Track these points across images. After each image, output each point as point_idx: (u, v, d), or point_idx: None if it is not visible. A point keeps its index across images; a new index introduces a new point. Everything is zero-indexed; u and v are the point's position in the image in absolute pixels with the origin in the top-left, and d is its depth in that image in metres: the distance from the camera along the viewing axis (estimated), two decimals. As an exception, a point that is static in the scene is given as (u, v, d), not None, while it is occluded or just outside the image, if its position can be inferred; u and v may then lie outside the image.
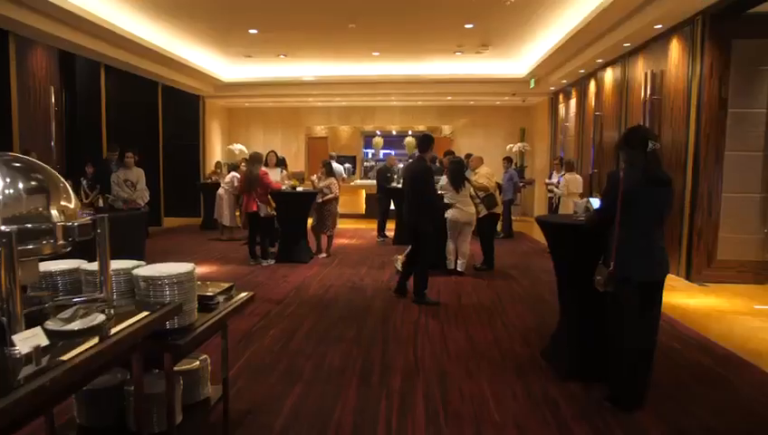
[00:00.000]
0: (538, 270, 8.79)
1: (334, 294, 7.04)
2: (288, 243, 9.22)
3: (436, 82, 15.34)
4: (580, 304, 4.18)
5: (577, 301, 4.22)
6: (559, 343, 4.48)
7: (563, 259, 4.37)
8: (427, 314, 6.08)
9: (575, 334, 4.25)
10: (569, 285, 4.34)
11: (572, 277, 4.24)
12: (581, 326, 4.20)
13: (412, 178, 6.63)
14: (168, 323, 2.29)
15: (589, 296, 3.87)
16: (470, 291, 7.27)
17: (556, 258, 4.49)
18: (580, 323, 4.20)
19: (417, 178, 6.55)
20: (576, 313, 4.25)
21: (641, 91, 9.62)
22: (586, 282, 3.79)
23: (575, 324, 4.26)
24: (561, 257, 4.42)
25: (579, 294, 4.15)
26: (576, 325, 4.24)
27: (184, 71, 13.78)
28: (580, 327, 4.21)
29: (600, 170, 11.72)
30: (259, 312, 6.09)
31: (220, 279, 7.81)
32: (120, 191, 8.95)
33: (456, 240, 8.12)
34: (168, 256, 9.56)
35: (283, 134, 19.51)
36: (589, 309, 4.09)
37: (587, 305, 4.08)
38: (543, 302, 6.78)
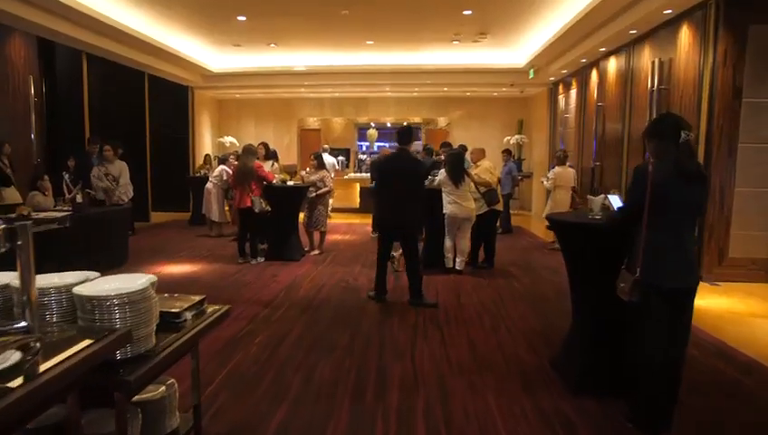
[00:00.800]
0: (539, 267, 8.41)
1: (326, 294, 6.63)
2: (278, 240, 8.79)
3: (432, 72, 14.89)
4: (597, 312, 3.78)
5: (593, 309, 3.81)
6: (571, 353, 4.07)
7: (578, 263, 3.95)
8: (425, 317, 5.68)
9: (590, 345, 3.85)
10: (584, 292, 3.94)
11: (589, 283, 3.83)
12: (598, 337, 3.80)
13: (403, 175, 6.03)
14: (119, 352, 1.87)
15: (607, 304, 3.49)
16: (470, 290, 6.87)
17: (570, 262, 4.08)
18: (597, 333, 3.80)
19: (410, 175, 6.04)
20: (592, 322, 3.84)
21: (647, 81, 9.22)
22: (605, 289, 3.39)
23: (590, 334, 3.85)
24: (575, 261, 4.00)
25: (596, 301, 3.75)
26: (591, 335, 3.84)
27: (171, 60, 13.27)
28: (596, 338, 3.81)
29: (603, 163, 11.34)
30: (245, 315, 5.67)
31: (206, 279, 7.39)
32: (100, 183, 8.56)
33: (454, 237, 7.72)
34: (153, 253, 9.13)
35: (274, 126, 19.08)
36: (607, 318, 3.69)
37: (605, 314, 3.69)
38: (546, 301, 6.40)
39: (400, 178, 6.04)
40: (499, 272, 7.97)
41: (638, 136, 9.63)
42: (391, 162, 6.35)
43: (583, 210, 5.20)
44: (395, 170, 6.12)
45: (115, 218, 8.15)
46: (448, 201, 7.54)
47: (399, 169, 6.09)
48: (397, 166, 6.15)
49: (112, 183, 8.77)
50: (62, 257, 6.75)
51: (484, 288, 6.98)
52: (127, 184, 9.10)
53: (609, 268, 3.42)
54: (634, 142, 9.89)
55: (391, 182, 6.08)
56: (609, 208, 3.72)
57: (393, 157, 6.42)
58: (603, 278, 3.47)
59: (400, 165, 6.13)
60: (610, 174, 10.98)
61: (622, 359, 3.52)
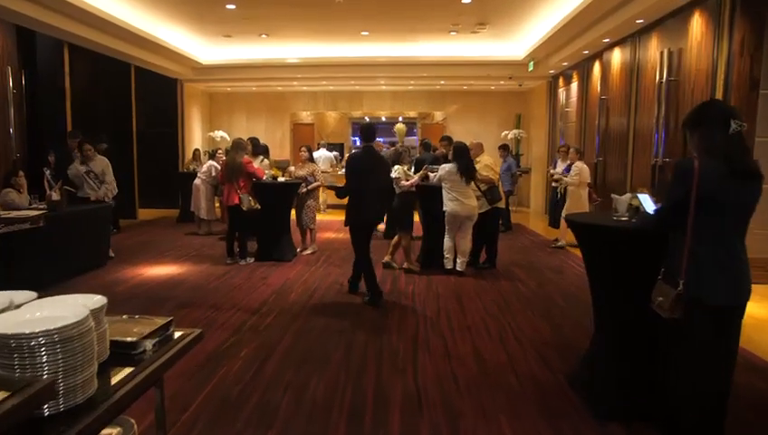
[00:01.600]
0: (543, 267, 8.01)
1: (319, 299, 6.19)
2: (269, 239, 8.34)
3: (428, 64, 14.45)
4: (625, 328, 3.35)
5: (622, 324, 3.39)
6: (593, 371, 3.65)
7: (604, 271, 3.52)
8: (426, 325, 5.26)
9: (617, 364, 3.43)
10: (611, 305, 3.50)
11: (617, 295, 3.40)
12: (626, 355, 3.38)
13: (375, 172, 6.05)
14: (47, 407, 1.44)
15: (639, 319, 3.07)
16: (472, 294, 6.45)
17: (593, 269, 3.66)
18: (625, 350, 3.38)
19: (381, 172, 6.18)
20: (619, 338, 3.42)
21: (655, 73, 8.81)
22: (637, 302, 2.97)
23: (617, 352, 3.43)
24: (600, 269, 3.57)
25: (625, 315, 3.33)
26: (618, 353, 3.42)
27: (158, 51, 12.76)
28: (623, 356, 3.39)
29: (606, 159, 10.94)
30: (231, 324, 5.23)
31: (191, 281, 6.94)
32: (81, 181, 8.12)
33: (454, 236, 7.30)
34: (137, 253, 8.67)
35: (267, 120, 18.65)
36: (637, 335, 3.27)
37: (635, 330, 3.27)
38: (555, 306, 5.99)
39: (373, 175, 6.03)
40: (502, 273, 7.56)
41: (645, 130, 9.24)
42: (363, 160, 6.19)
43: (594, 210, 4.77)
44: (367, 168, 6.06)
45: (94, 217, 7.69)
46: (449, 198, 7.11)
47: (371, 167, 6.06)
48: (368, 164, 6.09)
49: (95, 181, 8.29)
50: (36, 259, 6.32)
51: (487, 291, 6.56)
52: (112, 181, 8.64)
53: (642, 279, 3.00)
54: (640, 137, 9.48)
55: (367, 180, 5.99)
56: (640, 209, 3.27)
57: (364, 155, 6.25)
58: (635, 290, 3.05)
59: (371, 162, 6.11)
60: (614, 170, 10.58)
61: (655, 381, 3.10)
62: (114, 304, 5.64)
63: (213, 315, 5.49)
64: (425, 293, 6.44)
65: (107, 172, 8.52)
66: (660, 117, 8.52)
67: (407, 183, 7.53)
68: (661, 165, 8.51)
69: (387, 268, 7.73)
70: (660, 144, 8.54)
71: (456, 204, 7.06)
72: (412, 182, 7.54)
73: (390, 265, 7.80)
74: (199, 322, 5.28)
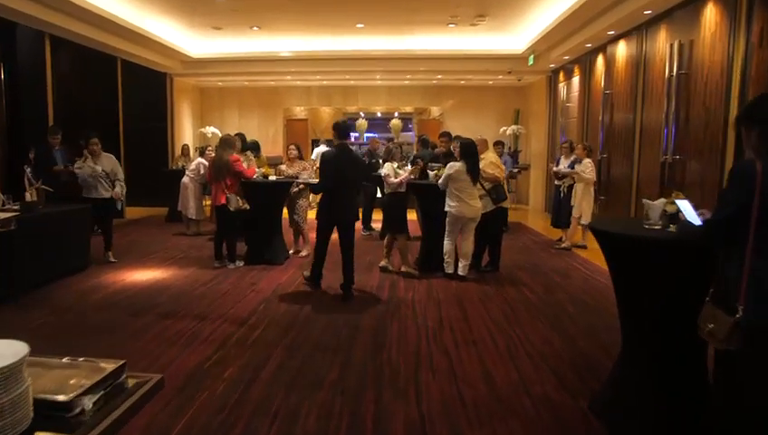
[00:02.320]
0: (549, 270, 7.61)
1: (312, 308, 5.76)
2: (260, 241, 7.91)
3: (425, 58, 14.02)
4: (662, 356, 2.94)
5: (658, 353, 2.97)
6: (622, 400, 3.23)
7: (638, 291, 3.10)
8: (429, 338, 4.84)
9: (652, 394, 3.01)
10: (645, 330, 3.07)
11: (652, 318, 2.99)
12: (663, 384, 2.97)
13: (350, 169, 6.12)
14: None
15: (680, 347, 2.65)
16: (476, 301, 6.04)
17: (623, 287, 3.24)
18: (662, 379, 2.97)
19: (362, 169, 6.44)
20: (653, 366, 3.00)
21: (664, 66, 8.41)
22: (678, 327, 2.57)
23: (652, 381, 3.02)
24: (633, 288, 3.15)
25: (662, 343, 2.91)
26: (654, 382, 3.00)
27: (145, 44, 12.29)
28: (660, 385, 2.98)
29: (610, 156, 10.54)
30: (216, 337, 4.81)
31: (175, 288, 6.50)
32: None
33: (455, 239, 6.87)
34: (120, 255, 8.20)
35: (259, 116, 18.23)
36: (678, 366, 2.86)
37: (675, 360, 2.86)
38: (565, 314, 5.59)
39: (345, 174, 6.10)
40: (506, 277, 7.16)
41: (653, 126, 8.84)
42: (336, 158, 6.16)
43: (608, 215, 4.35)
44: (340, 166, 6.09)
45: (72, 218, 7.21)
46: (453, 199, 6.66)
47: (343, 165, 6.10)
48: (340, 162, 6.11)
49: (106, 181, 7.74)
50: (8, 265, 5.88)
51: (492, 298, 6.15)
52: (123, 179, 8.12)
53: (685, 301, 2.59)
54: (648, 133, 9.09)
55: (339, 178, 6.07)
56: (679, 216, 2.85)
57: (337, 153, 6.22)
58: (676, 314, 2.64)
59: (343, 160, 6.13)
60: (619, 166, 10.19)
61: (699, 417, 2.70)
62: (87, 316, 5.22)
63: (197, 327, 5.06)
64: (425, 300, 6.03)
65: (117, 170, 7.95)
66: (670, 112, 8.12)
67: (395, 180, 7.10)
68: (671, 162, 8.11)
69: (384, 272, 7.31)
70: (670, 140, 8.14)
71: (461, 205, 6.63)
72: (401, 180, 7.11)
73: (387, 268, 7.39)
74: (182, 335, 4.85)
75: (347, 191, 6.15)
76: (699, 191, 7.48)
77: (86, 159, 7.68)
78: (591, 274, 7.44)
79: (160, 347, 4.57)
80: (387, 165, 7.19)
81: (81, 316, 5.47)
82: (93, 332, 5.01)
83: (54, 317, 5.43)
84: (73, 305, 5.81)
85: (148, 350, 4.51)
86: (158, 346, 4.59)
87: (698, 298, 2.47)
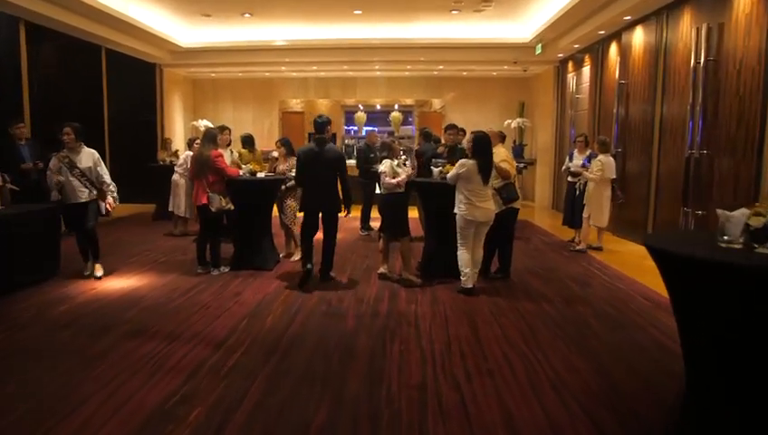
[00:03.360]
0: (564, 276, 6.92)
1: (301, 325, 5.06)
2: (247, 244, 7.22)
3: (427, 47, 13.30)
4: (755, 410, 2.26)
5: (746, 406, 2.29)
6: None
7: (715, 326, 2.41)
8: (436, 366, 4.14)
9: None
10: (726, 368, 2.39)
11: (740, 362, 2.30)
12: None
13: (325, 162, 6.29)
14: None
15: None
16: (488, 317, 5.34)
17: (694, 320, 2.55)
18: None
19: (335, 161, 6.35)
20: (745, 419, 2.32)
21: (689, 53, 7.70)
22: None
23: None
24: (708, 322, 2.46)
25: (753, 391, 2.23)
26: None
27: (131, 32, 11.57)
28: None
29: (626, 149, 9.85)
30: (187, 364, 4.11)
31: (150, 299, 5.80)
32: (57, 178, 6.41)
33: (471, 247, 6.05)
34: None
35: (254, 109, 17.57)
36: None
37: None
38: (591, 334, 4.89)
39: (317, 167, 6.28)
40: (518, 286, 6.46)
41: (676, 118, 8.15)
42: (307, 152, 6.39)
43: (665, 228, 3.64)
44: (311, 160, 6.31)
45: (39, 219, 6.50)
46: (464, 201, 5.88)
47: (314, 159, 6.30)
48: (312, 156, 6.32)
49: (81, 179, 6.42)
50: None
51: (505, 313, 5.45)
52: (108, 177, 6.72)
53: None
54: (669, 126, 8.39)
55: (311, 171, 6.32)
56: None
57: (311, 147, 6.43)
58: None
59: (315, 155, 6.31)
60: (636, 162, 9.50)
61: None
62: (44, 335, 4.50)
63: (166, 351, 4.37)
64: (430, 315, 5.34)
65: (101, 171, 6.65)
66: (697, 103, 7.42)
67: (392, 181, 6.38)
68: (698, 158, 7.42)
69: (383, 280, 6.63)
70: (696, 134, 7.44)
71: (472, 208, 5.86)
72: (399, 181, 6.40)
73: (386, 275, 6.71)
74: (148, 360, 4.16)
75: (317, 184, 6.33)
76: (731, 190, 6.79)
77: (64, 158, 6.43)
78: (611, 280, 6.75)
79: (120, 376, 3.89)
80: (385, 162, 6.46)
81: (37, 335, 4.78)
82: (47, 355, 4.33)
83: (6, 335, 4.74)
84: (31, 321, 5.12)
85: (105, 380, 3.82)
86: (117, 375, 3.91)
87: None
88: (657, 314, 5.42)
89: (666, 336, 4.76)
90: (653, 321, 5.24)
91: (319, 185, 6.34)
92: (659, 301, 5.87)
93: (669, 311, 5.51)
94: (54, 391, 3.67)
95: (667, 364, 4.17)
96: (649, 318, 5.32)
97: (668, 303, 5.75)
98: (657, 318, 5.31)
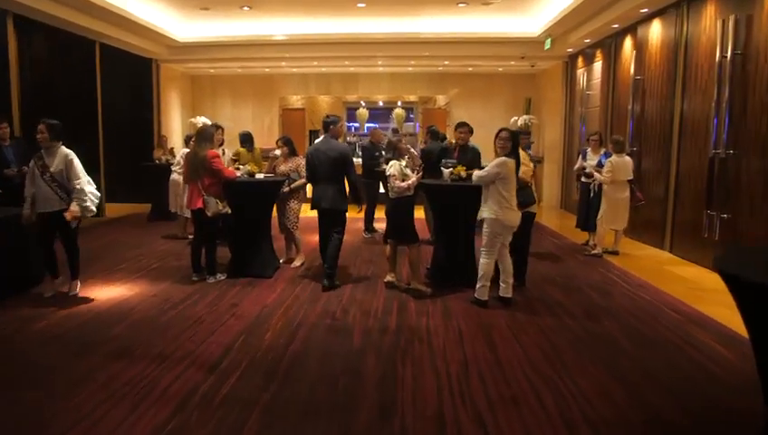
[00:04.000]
0: (583, 285, 6.50)
1: (303, 343, 4.62)
2: (244, 250, 6.79)
3: (431, 42, 12.84)
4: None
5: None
6: None
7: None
8: (454, 392, 3.71)
9: None
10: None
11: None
12: None
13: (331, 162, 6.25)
14: None
15: None
16: (506, 332, 4.91)
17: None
18: None
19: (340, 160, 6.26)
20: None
21: (712, 47, 7.28)
22: None
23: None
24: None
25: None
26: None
27: (126, 26, 11.13)
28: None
29: (641, 148, 9.41)
30: (176, 392, 3.68)
31: (138, 311, 5.37)
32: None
33: (496, 255, 5.58)
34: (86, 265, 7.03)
35: (254, 106, 17.19)
36: None
37: None
38: (621, 353, 4.46)
39: (322, 166, 6.28)
40: (536, 296, 6.02)
41: (698, 115, 7.73)
42: (314, 151, 6.46)
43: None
44: (316, 158, 6.35)
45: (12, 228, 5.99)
46: (498, 203, 5.38)
47: (318, 158, 6.32)
48: (317, 155, 6.36)
49: (52, 184, 5.56)
50: None
51: (524, 329, 5.01)
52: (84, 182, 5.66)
53: None
54: (690, 123, 7.97)
55: (316, 170, 6.35)
56: None
57: (317, 145, 6.55)
58: None
59: (320, 153, 6.33)
60: (652, 161, 9.07)
61: None
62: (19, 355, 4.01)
63: (154, 374, 3.94)
64: (443, 330, 4.91)
65: (72, 173, 5.59)
66: (722, 99, 6.99)
67: (403, 184, 5.93)
68: (724, 158, 6.99)
69: (390, 289, 6.20)
70: (722, 132, 7.01)
71: (507, 211, 5.39)
72: (411, 184, 5.96)
73: (394, 284, 6.28)
74: (133, 387, 3.73)
75: (322, 182, 6.30)
76: (761, 192, 6.37)
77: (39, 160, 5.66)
78: (634, 289, 6.32)
79: (101, 407, 3.46)
80: (393, 163, 6.00)
81: (11, 355, 4.34)
82: (21, 379, 3.90)
83: (-22, 355, 4.33)
84: (6, 338, 4.69)
85: (84, 411, 3.39)
86: (98, 405, 3.48)
87: None
88: (691, 330, 4.99)
89: (709, 360, 4.31)
90: (688, 338, 4.80)
91: (323, 183, 6.29)
92: (690, 314, 5.45)
93: (703, 326, 5.13)
94: (23, 425, 3.25)
95: (720, 398, 3.70)
96: (683, 335, 4.89)
97: (700, 316, 5.42)
98: (691, 335, 4.88)
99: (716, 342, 4.71)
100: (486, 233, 5.49)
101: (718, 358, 4.35)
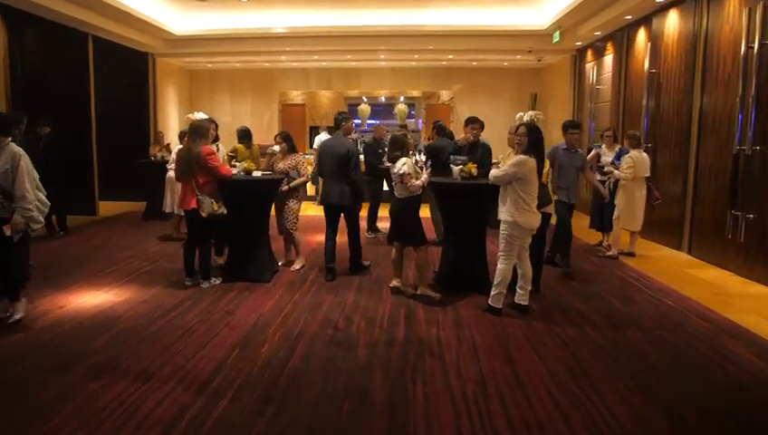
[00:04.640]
0: (602, 290, 6.10)
1: (303, 358, 4.21)
2: (241, 253, 6.40)
3: (435, 35, 12.42)
4: None
5: None
6: None
7: None
8: (472, 416, 3.32)
9: None
10: None
11: None
12: None
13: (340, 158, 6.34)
14: None
15: None
16: (524, 344, 4.51)
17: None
18: None
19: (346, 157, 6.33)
20: None
21: (737, 38, 6.88)
22: None
23: None
24: None
25: None
26: None
27: (120, 18, 10.72)
28: None
29: (656, 144, 9.00)
30: (161, 416, 3.28)
31: (125, 321, 4.97)
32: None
33: (514, 260, 5.19)
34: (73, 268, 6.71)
35: (253, 101, 16.85)
36: None
37: None
38: (650, 368, 4.07)
39: (330, 162, 6.42)
40: (553, 303, 5.62)
41: (720, 110, 7.33)
42: (324, 147, 6.67)
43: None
44: (326, 154, 6.53)
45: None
46: (523, 205, 4.99)
47: (327, 154, 6.49)
48: (327, 151, 6.52)
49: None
50: None
51: (544, 340, 4.61)
52: (31, 190, 4.66)
53: None
54: (711, 118, 7.56)
55: (325, 166, 6.52)
56: None
57: (328, 141, 6.77)
58: None
59: (329, 149, 6.51)
60: (669, 157, 8.66)
61: None
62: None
63: (139, 394, 3.55)
64: (456, 342, 4.52)
65: (18, 175, 4.59)
66: (749, 93, 6.58)
67: (418, 183, 5.53)
68: (749, 154, 6.59)
69: (396, 295, 5.81)
70: (747, 128, 6.61)
71: (528, 214, 5.00)
72: (425, 181, 5.56)
73: (400, 289, 5.89)
74: (114, 409, 3.35)
75: (330, 178, 6.44)
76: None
77: None
78: (656, 295, 5.92)
79: (77, 433, 3.08)
80: (406, 161, 5.55)
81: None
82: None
83: (-52, 371, 3.93)
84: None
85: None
86: (74, 431, 3.09)
87: None
88: (722, 340, 4.60)
89: (749, 375, 3.94)
90: (719, 348, 4.42)
91: (331, 179, 6.42)
92: (719, 322, 5.06)
93: (735, 336, 4.69)
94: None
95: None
96: (714, 345, 4.50)
97: (731, 325, 4.99)
98: (723, 345, 4.49)
99: (753, 354, 4.33)
100: (503, 236, 5.09)
101: (759, 373, 3.97)
